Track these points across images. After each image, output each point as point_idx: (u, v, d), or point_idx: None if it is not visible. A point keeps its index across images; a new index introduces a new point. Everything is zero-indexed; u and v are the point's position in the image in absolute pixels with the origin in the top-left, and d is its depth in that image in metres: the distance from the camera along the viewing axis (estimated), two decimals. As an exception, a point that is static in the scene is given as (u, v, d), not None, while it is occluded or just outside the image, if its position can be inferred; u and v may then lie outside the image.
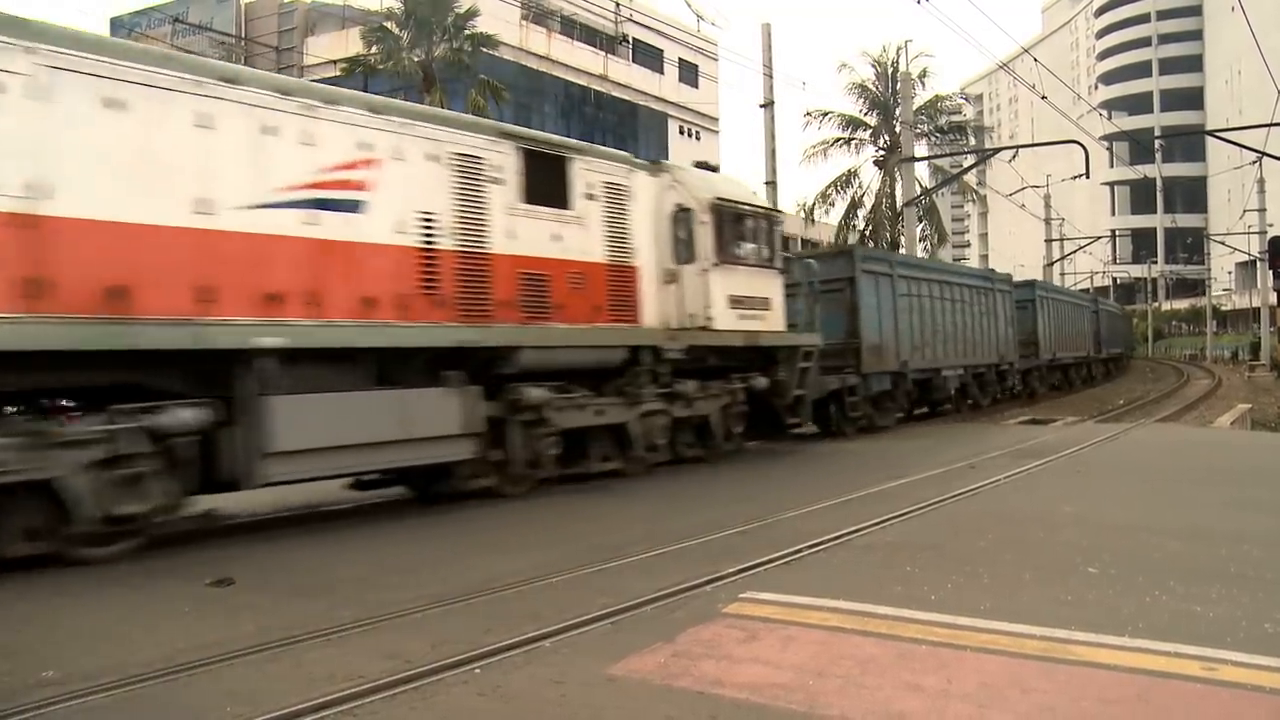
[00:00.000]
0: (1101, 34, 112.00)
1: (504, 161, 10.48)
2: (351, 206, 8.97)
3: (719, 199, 13.01)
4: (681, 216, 12.75)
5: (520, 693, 4.27)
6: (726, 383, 13.50)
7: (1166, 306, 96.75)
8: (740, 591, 5.90)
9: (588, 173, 11.48)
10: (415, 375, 9.53)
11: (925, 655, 4.64)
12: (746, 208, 13.80)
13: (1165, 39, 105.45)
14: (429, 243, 9.60)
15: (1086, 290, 59.42)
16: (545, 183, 10.89)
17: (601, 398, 11.47)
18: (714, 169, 15.17)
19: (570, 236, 11.16)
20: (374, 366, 9.31)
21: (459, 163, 9.99)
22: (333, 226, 8.76)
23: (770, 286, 14.04)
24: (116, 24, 46.13)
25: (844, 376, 17.21)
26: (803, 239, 42.50)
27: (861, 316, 17.95)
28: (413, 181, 9.52)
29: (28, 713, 4.10)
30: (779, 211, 14.85)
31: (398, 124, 9.52)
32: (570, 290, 11.07)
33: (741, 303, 13.25)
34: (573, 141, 12.34)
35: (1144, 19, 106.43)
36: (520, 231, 10.53)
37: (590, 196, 11.45)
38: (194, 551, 7.73)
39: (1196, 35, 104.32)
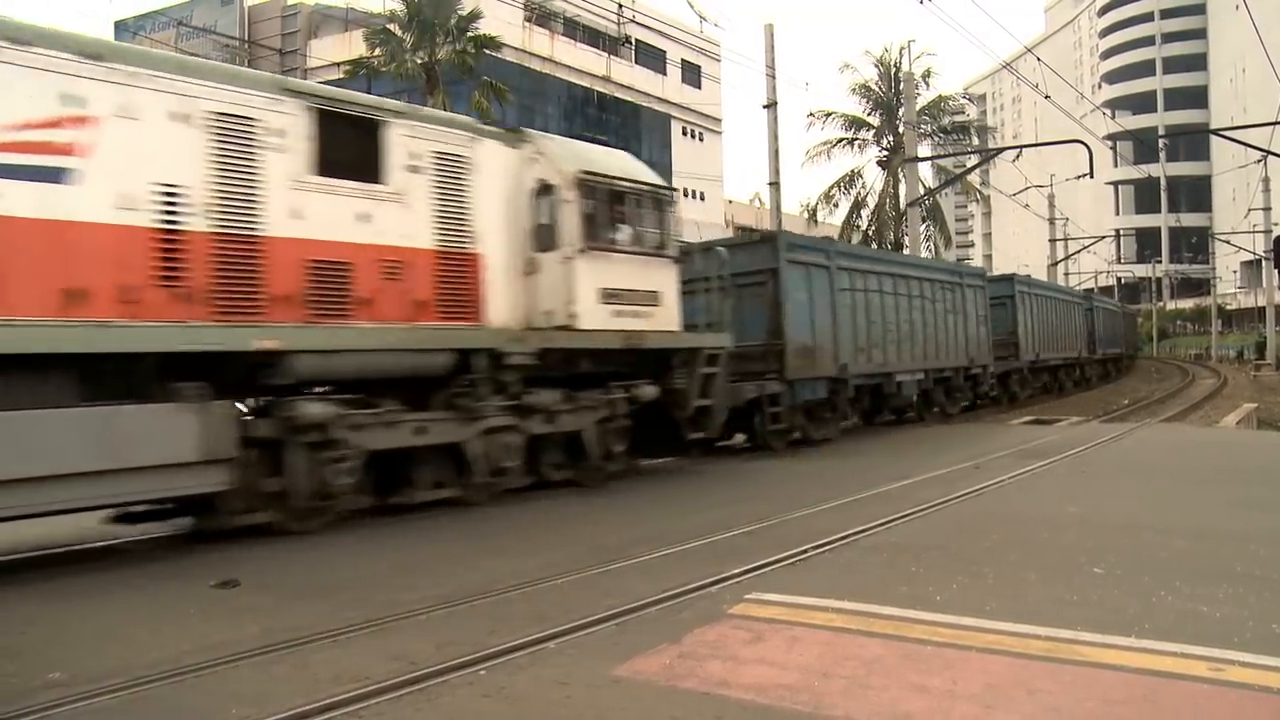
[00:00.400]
0: (1105, 33, 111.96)
1: (288, 124, 8.64)
2: (50, 175, 7.18)
3: (586, 173, 10.92)
4: (544, 195, 10.81)
5: (525, 694, 4.28)
6: (604, 393, 11.44)
7: (1171, 306, 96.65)
8: (746, 592, 5.90)
9: (411, 140, 9.66)
10: (149, 387, 7.68)
11: (931, 656, 4.63)
12: (625, 184, 11.54)
13: (1169, 37, 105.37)
14: (171, 222, 7.77)
15: (1091, 290, 59.28)
16: (349, 151, 9.12)
17: (425, 412, 9.63)
18: (601, 142, 13.13)
19: (384, 217, 9.34)
20: (85, 377, 7.42)
21: (219, 124, 8.16)
22: (18, 200, 6.98)
23: (659, 278, 11.93)
24: (121, 27, 46.21)
25: (764, 383, 14.86)
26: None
27: (787, 314, 15.42)
28: (148, 146, 7.71)
29: (34, 714, 4.11)
30: (671, 189, 12.59)
31: (126, 74, 7.62)
32: (382, 282, 9.28)
33: (618, 297, 11.19)
34: (390, 102, 10.51)
35: (1147, 18, 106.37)
36: (311, 210, 8.72)
37: (414, 169, 9.66)
38: (198, 554, 7.73)
39: (1200, 34, 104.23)
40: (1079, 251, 61.86)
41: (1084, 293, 44.19)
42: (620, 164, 12.12)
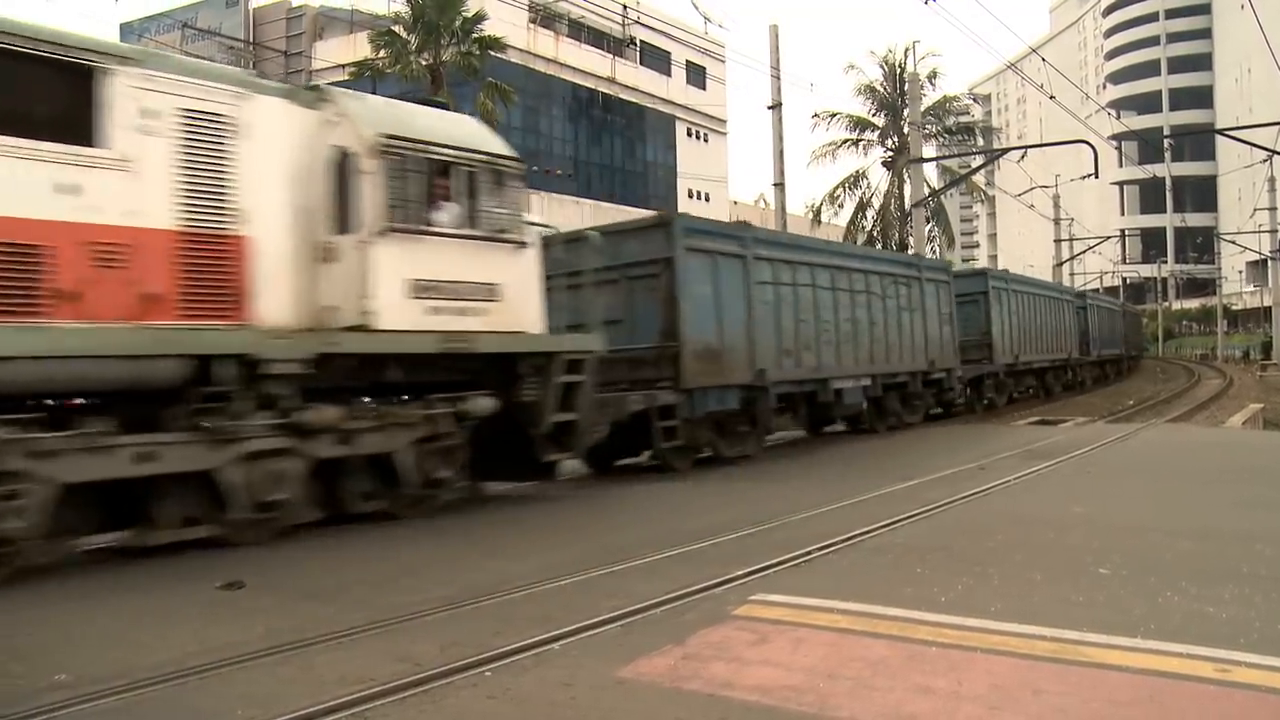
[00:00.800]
0: (1109, 33, 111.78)
1: None
2: None
3: (390, 137, 8.94)
4: (344, 165, 8.91)
5: (530, 695, 4.28)
6: (425, 407, 9.50)
7: (1177, 306, 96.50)
8: (750, 594, 5.90)
9: (145, 93, 7.71)
10: None
11: (936, 657, 4.63)
12: (449, 152, 9.42)
13: (1174, 37, 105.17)
14: None
15: (1096, 289, 59.12)
16: (48, 104, 7.42)
17: (154, 434, 7.66)
18: (441, 105, 10.79)
19: (100, 189, 7.45)
20: None
21: None
22: None
23: (500, 268, 9.78)
24: (126, 29, 46.36)
25: (654, 393, 12.51)
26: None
27: (683, 311, 12.97)
28: None
29: (41, 715, 4.12)
30: (516, 161, 10.17)
31: None
32: (95, 271, 7.40)
33: (437, 290, 9.22)
34: (115, 44, 8.59)
35: (1152, 18, 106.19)
36: None
37: (147, 130, 7.73)
38: (203, 556, 7.72)
39: (1205, 34, 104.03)
40: (1084, 252, 61.70)
41: (1077, 290, 41.76)
42: (448, 129, 9.94)
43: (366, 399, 9.33)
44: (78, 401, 7.75)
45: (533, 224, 10.72)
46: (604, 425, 11.42)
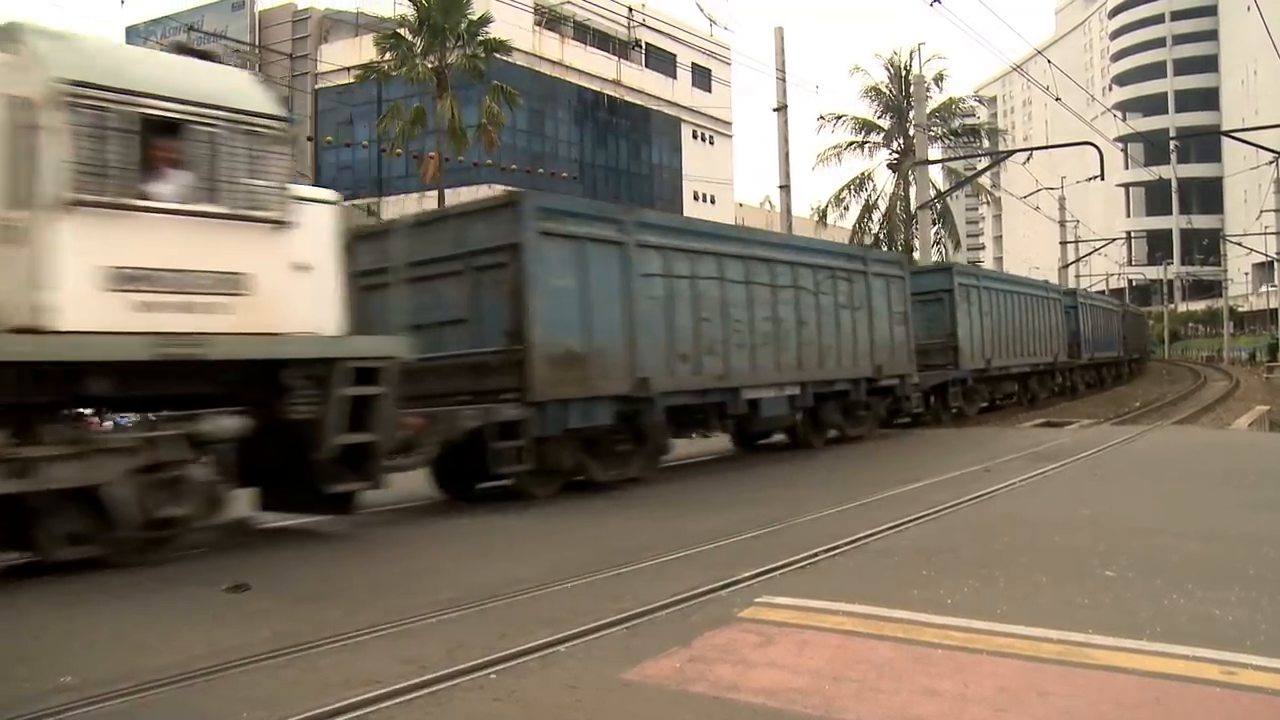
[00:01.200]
0: (1115, 35, 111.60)
1: None
2: None
3: (80, 83, 6.89)
4: (27, 121, 6.89)
5: (535, 698, 4.28)
6: (146, 429, 7.70)
7: (1183, 308, 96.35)
8: (756, 596, 5.89)
9: None
10: None
11: (942, 659, 4.62)
12: (171, 106, 7.35)
13: (1180, 39, 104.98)
14: None
15: (1103, 291, 58.97)
16: None
17: None
18: (208, 56, 8.49)
19: None
20: None
21: None
22: None
23: (252, 253, 7.74)
24: (132, 32, 46.49)
25: (493, 408, 10.36)
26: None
27: (533, 308, 10.63)
28: None
29: (46, 718, 4.13)
30: (276, 120, 8.14)
31: None
32: None
33: (151, 280, 7.19)
34: None
35: (1158, 19, 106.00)
36: None
37: None
38: (209, 558, 7.74)
39: (1211, 35, 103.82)
40: (1090, 254, 61.60)
41: (1065, 288, 38.63)
42: (181, 79, 7.66)
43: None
44: None
45: (309, 199, 8.65)
46: (430, 446, 9.69)
